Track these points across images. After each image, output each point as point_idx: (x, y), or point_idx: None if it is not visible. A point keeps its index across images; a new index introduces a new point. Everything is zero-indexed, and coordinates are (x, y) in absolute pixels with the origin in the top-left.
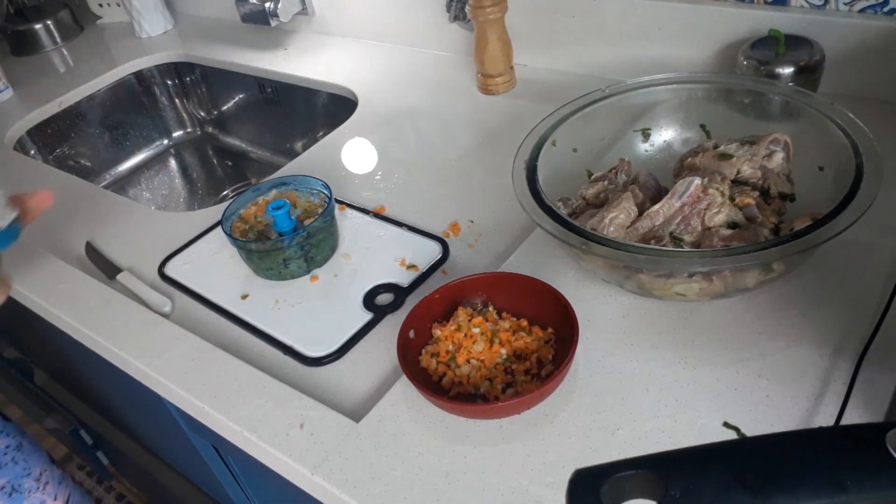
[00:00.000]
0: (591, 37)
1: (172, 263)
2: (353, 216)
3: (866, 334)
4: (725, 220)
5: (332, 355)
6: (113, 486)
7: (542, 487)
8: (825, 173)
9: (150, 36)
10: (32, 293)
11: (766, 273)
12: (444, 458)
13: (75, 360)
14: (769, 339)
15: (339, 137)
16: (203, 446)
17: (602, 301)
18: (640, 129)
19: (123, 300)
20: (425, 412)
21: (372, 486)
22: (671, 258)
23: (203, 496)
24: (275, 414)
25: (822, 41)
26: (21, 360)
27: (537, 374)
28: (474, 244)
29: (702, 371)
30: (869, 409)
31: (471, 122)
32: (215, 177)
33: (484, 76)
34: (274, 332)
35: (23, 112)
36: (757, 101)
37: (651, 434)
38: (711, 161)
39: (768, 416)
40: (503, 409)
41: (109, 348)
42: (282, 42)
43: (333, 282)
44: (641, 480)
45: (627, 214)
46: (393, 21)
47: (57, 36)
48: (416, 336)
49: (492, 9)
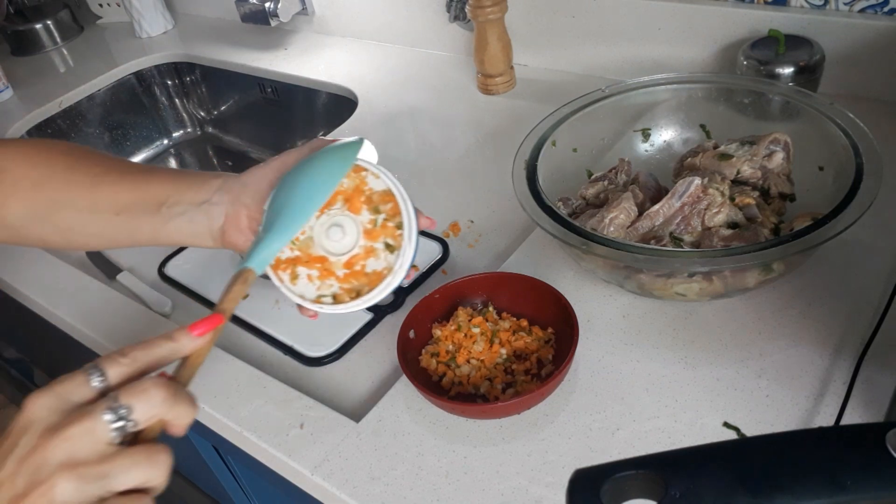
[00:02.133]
0: (591, 37)
1: (172, 263)
2: None
3: (866, 334)
4: (725, 220)
5: (332, 355)
6: None
7: (541, 487)
8: (825, 173)
9: (150, 36)
10: (32, 293)
11: (766, 273)
12: (444, 458)
13: (75, 360)
14: (769, 339)
15: (339, 137)
16: (203, 446)
17: (602, 301)
18: (640, 129)
19: (123, 300)
20: (425, 412)
21: (372, 486)
22: (671, 258)
23: (203, 496)
24: (275, 414)
25: (822, 41)
26: (21, 360)
27: (537, 374)
28: (474, 244)
29: (702, 371)
30: (869, 409)
31: (471, 122)
32: None
33: (484, 76)
34: (274, 332)
35: (23, 112)
36: (757, 101)
37: (651, 434)
38: (711, 161)
39: (768, 416)
40: (503, 409)
41: (109, 348)
42: (282, 42)
43: None
44: (641, 480)
45: (627, 214)
46: (393, 21)
47: (57, 36)
48: (416, 336)
49: (492, 9)
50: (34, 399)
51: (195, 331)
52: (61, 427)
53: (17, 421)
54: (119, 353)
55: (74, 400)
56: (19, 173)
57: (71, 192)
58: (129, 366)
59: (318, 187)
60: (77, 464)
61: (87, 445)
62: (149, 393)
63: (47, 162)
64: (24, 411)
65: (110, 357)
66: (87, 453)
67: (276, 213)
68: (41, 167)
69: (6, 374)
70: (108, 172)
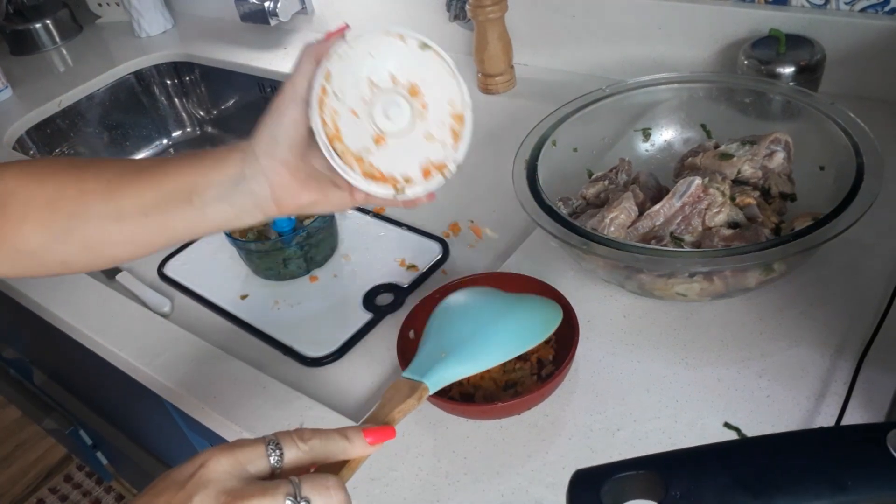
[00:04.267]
0: (591, 36)
1: (172, 263)
2: (352, 216)
3: (867, 334)
4: (726, 220)
5: (332, 355)
6: (112, 487)
7: (542, 488)
8: (826, 173)
9: (150, 35)
10: (32, 293)
11: (766, 273)
12: (444, 459)
13: (75, 361)
14: (770, 339)
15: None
16: (203, 446)
17: (602, 301)
18: (641, 128)
19: (123, 300)
20: (425, 412)
21: (372, 486)
22: (672, 258)
23: None
24: (274, 414)
25: (823, 41)
26: (20, 360)
27: (537, 375)
28: (474, 244)
29: (702, 371)
30: (870, 410)
31: None
32: None
33: (484, 75)
34: (274, 333)
35: (22, 111)
36: (758, 100)
37: (652, 434)
38: (712, 161)
39: (769, 416)
40: (503, 410)
41: (109, 348)
42: (281, 41)
43: (333, 282)
44: (642, 481)
45: (628, 214)
46: (393, 20)
47: (56, 35)
48: (416, 336)
49: (492, 8)
50: (216, 458)
51: (369, 438)
52: (243, 495)
53: (197, 476)
54: (298, 437)
55: (251, 471)
56: (27, 194)
57: (88, 203)
58: (306, 454)
59: (515, 340)
60: None
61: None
62: (330, 493)
63: (54, 177)
64: (203, 467)
65: (290, 437)
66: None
67: (465, 340)
68: (49, 183)
69: (6, 374)
70: (123, 175)
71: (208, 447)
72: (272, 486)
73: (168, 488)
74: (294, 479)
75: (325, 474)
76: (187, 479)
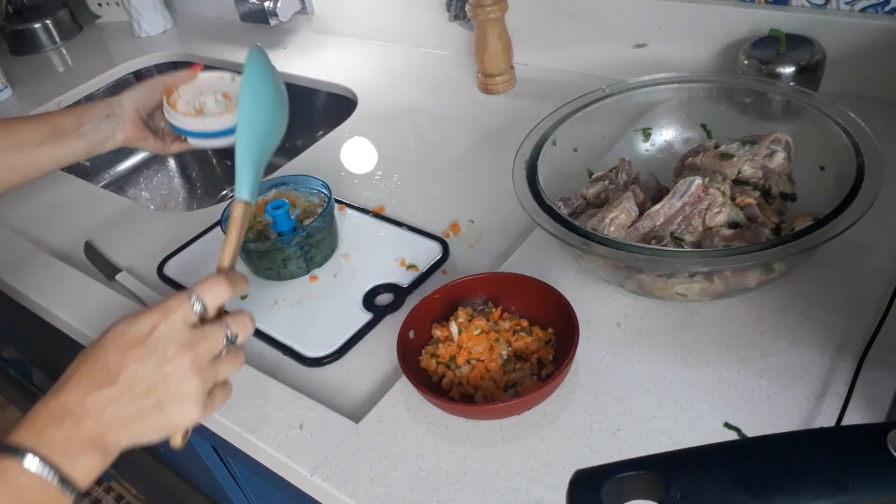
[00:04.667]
0: (591, 36)
1: (171, 263)
2: (352, 216)
3: (867, 334)
4: (726, 220)
5: (332, 356)
6: (112, 487)
7: (542, 488)
8: (826, 173)
9: (150, 35)
10: (32, 293)
11: (767, 273)
12: (444, 459)
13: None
14: (770, 339)
15: (338, 137)
16: (203, 447)
17: (602, 301)
18: (641, 128)
19: (122, 300)
20: (425, 413)
21: (372, 486)
22: (672, 258)
23: (202, 497)
24: (274, 415)
25: (823, 41)
26: (20, 360)
27: (537, 375)
28: (474, 244)
29: (703, 371)
30: (870, 410)
31: (471, 121)
32: (214, 176)
33: (484, 75)
34: (273, 333)
35: (22, 111)
36: (758, 100)
37: (652, 435)
38: (712, 161)
39: (769, 416)
40: (503, 410)
41: None
42: (281, 41)
43: (333, 282)
44: (642, 481)
45: (628, 214)
46: (393, 20)
47: (56, 35)
48: (416, 336)
49: (492, 8)
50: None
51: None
52: (196, 342)
53: (155, 335)
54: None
55: (190, 321)
56: None
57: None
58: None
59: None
60: (203, 368)
61: (210, 355)
62: (248, 326)
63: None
64: (157, 328)
65: (202, 289)
66: (208, 359)
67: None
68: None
69: (5, 374)
70: (16, 120)
71: (209, 447)
72: (211, 331)
73: (132, 345)
74: (225, 321)
75: (242, 311)
76: (147, 337)
